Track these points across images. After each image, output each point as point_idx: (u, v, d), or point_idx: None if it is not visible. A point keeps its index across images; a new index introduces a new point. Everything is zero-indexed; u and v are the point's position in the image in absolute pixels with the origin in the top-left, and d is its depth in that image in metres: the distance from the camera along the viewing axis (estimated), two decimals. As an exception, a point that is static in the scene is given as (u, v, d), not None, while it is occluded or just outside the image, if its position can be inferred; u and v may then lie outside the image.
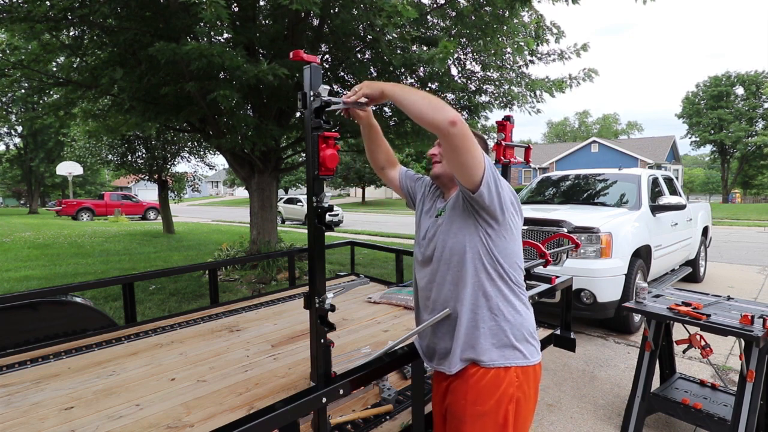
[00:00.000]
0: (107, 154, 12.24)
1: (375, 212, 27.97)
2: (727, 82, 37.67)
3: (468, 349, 1.35)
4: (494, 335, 1.34)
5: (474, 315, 1.36)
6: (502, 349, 1.34)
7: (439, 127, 1.21)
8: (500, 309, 1.35)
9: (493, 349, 1.34)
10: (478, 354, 1.34)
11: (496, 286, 1.36)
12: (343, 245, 4.17)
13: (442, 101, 1.23)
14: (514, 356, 1.34)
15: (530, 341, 1.38)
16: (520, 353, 1.35)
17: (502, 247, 1.36)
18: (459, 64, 5.97)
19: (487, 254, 1.35)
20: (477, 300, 1.36)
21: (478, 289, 1.35)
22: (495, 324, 1.35)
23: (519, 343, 1.35)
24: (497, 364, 1.33)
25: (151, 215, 22.82)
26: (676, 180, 6.37)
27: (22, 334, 2.27)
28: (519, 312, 1.38)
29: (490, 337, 1.34)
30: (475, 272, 1.35)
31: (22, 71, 4.96)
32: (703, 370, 3.56)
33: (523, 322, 1.38)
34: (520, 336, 1.36)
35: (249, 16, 5.07)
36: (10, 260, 8.10)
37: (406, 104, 1.28)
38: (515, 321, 1.36)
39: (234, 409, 1.66)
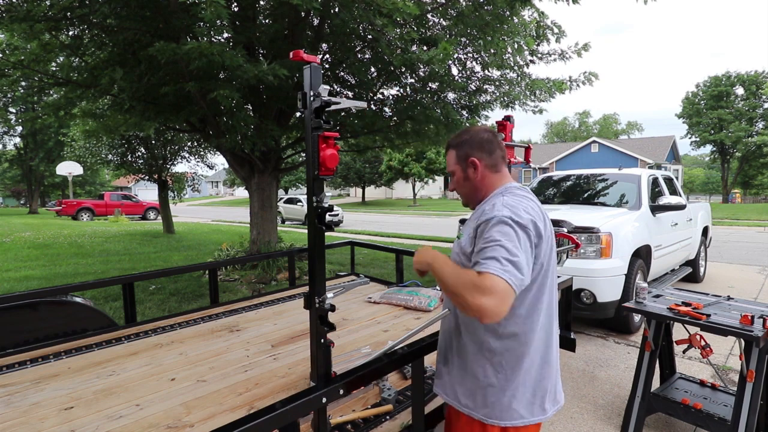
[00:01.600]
0: (107, 154, 12.25)
1: (375, 212, 27.97)
2: (727, 82, 37.66)
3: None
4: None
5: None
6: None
7: (465, 310, 1.15)
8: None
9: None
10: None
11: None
12: (343, 245, 4.17)
13: (476, 285, 1.11)
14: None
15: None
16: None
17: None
18: (459, 63, 5.97)
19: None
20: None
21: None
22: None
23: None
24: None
25: (151, 215, 22.82)
26: (676, 180, 6.37)
27: (22, 334, 2.26)
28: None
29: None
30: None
31: (22, 71, 4.96)
32: (703, 370, 3.56)
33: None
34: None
35: (249, 16, 5.07)
36: (10, 260, 8.09)
37: (441, 284, 1.25)
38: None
39: (234, 409, 1.66)
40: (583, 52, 5.74)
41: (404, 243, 11.39)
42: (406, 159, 32.80)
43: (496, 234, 1.19)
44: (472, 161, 1.39)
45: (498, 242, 1.16)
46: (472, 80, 6.03)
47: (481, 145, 1.40)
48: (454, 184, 1.48)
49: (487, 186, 1.40)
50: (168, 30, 4.45)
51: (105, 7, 4.35)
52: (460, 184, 1.45)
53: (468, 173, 1.41)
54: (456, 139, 1.45)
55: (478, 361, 1.33)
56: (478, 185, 1.41)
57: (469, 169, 1.40)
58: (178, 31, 4.38)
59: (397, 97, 6.38)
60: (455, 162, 1.43)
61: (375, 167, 36.05)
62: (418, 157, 32.98)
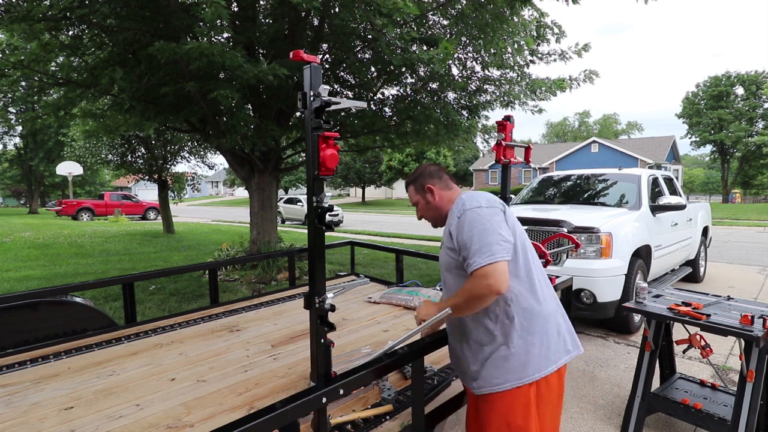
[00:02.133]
0: (107, 154, 12.24)
1: (375, 212, 27.96)
2: (727, 82, 37.67)
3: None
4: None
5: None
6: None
7: (482, 301, 1.44)
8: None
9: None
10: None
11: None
12: (343, 245, 4.17)
13: (466, 290, 1.45)
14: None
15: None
16: None
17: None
18: (460, 63, 5.97)
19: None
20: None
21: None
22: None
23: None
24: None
25: (151, 215, 22.82)
26: (676, 180, 6.37)
27: (22, 334, 2.26)
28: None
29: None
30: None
31: (22, 71, 4.96)
32: (703, 370, 3.56)
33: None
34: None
35: (249, 16, 5.07)
36: (10, 260, 8.09)
37: (460, 312, 1.52)
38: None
39: (234, 409, 1.66)
40: (584, 53, 5.74)
41: (404, 243, 11.39)
42: (406, 159, 32.82)
43: (467, 226, 1.47)
44: (428, 188, 1.69)
45: (472, 234, 1.44)
46: (472, 80, 6.02)
47: (431, 174, 1.72)
48: (421, 211, 1.75)
49: (446, 202, 1.67)
50: (168, 30, 4.45)
51: (105, 7, 4.35)
52: (426, 208, 1.72)
53: (428, 198, 1.70)
54: (411, 177, 1.77)
55: (487, 339, 1.53)
56: (438, 204, 1.68)
57: (428, 194, 1.69)
58: (178, 31, 4.38)
59: (397, 97, 6.37)
60: (416, 194, 1.73)
61: (375, 167, 36.06)
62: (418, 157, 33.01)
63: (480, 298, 1.41)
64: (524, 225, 4.37)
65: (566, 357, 1.55)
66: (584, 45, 5.70)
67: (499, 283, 1.37)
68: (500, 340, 1.50)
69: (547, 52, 6.04)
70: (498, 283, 1.37)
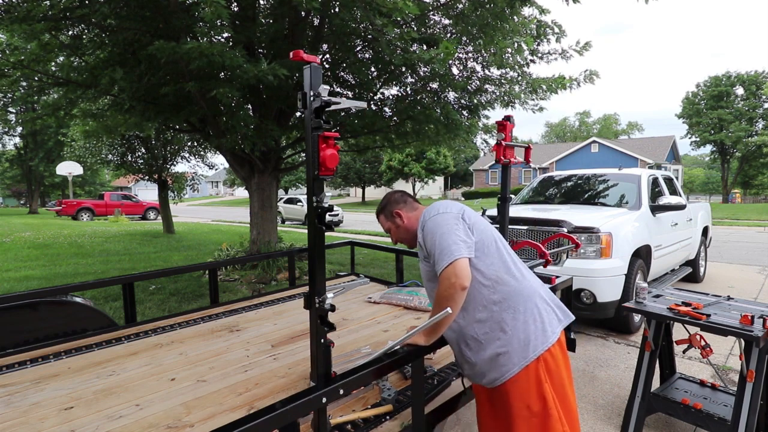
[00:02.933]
0: (107, 154, 12.24)
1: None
2: (727, 82, 37.66)
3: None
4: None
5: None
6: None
7: (452, 301, 1.52)
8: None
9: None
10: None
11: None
12: (343, 245, 4.17)
13: (438, 296, 1.55)
14: None
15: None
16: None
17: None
18: (460, 63, 5.97)
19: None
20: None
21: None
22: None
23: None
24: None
25: (151, 215, 22.82)
26: (676, 180, 6.37)
27: (22, 334, 2.26)
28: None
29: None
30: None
31: (21, 71, 4.96)
32: (703, 370, 3.56)
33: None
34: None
35: (249, 16, 5.07)
36: (10, 260, 8.09)
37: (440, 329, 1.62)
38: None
39: (234, 409, 1.66)
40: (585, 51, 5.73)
41: (404, 243, 11.36)
42: (406, 159, 32.81)
43: (429, 234, 1.60)
44: (396, 213, 1.83)
45: (434, 240, 1.56)
46: (473, 80, 6.02)
47: (396, 201, 1.86)
48: (395, 236, 1.87)
49: (413, 222, 1.81)
50: (168, 30, 4.44)
51: (105, 7, 4.35)
52: (398, 232, 1.85)
53: (398, 222, 1.84)
54: (379, 207, 1.91)
55: (482, 332, 1.59)
56: (407, 225, 1.82)
57: (397, 219, 1.84)
58: (178, 30, 4.37)
59: (397, 97, 6.37)
60: (387, 221, 1.88)
61: (375, 167, 36.05)
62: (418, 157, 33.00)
63: (450, 298, 1.49)
64: (524, 225, 4.38)
65: (560, 326, 1.62)
66: (585, 43, 5.69)
67: (461, 278, 1.47)
68: (495, 327, 1.56)
69: (547, 51, 6.04)
70: (460, 278, 1.47)
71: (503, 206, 2.75)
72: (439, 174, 36.37)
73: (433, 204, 1.71)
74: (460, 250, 1.50)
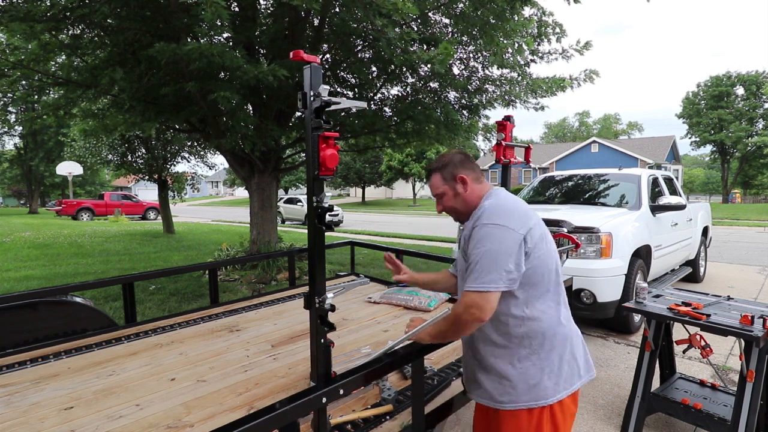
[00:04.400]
0: (107, 154, 12.23)
1: (375, 212, 27.96)
2: (728, 82, 37.65)
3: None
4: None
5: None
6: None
7: (464, 328, 1.42)
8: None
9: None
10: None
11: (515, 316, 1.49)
12: (343, 245, 4.17)
13: (452, 314, 1.43)
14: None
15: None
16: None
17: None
18: (461, 62, 5.97)
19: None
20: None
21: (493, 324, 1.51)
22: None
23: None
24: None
25: (151, 215, 22.81)
26: (676, 180, 6.37)
27: (22, 334, 2.26)
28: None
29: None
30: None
31: (21, 71, 4.96)
32: (703, 370, 3.56)
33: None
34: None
35: (249, 16, 5.07)
36: (10, 260, 8.09)
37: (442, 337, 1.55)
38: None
39: (234, 409, 1.66)
40: (585, 51, 5.74)
41: (404, 243, 11.39)
42: (406, 159, 32.82)
43: (479, 242, 1.37)
44: (461, 178, 1.52)
45: (479, 252, 1.35)
46: (473, 79, 6.02)
47: (463, 163, 1.55)
48: (447, 202, 1.57)
49: (475, 198, 1.52)
50: (168, 30, 4.45)
51: (105, 7, 4.35)
52: (453, 200, 1.55)
53: (458, 189, 1.53)
54: (438, 163, 1.58)
55: (495, 354, 1.46)
56: (468, 198, 1.53)
57: (458, 185, 1.53)
58: (178, 31, 4.38)
59: (398, 96, 6.37)
60: (443, 183, 1.55)
61: (375, 167, 36.06)
62: (418, 157, 33.00)
63: (464, 325, 1.38)
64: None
65: (578, 382, 1.46)
66: (585, 43, 5.70)
67: (483, 312, 1.32)
68: (507, 358, 1.43)
69: (548, 51, 6.04)
70: (482, 312, 1.32)
71: (503, 206, 2.75)
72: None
73: (498, 205, 1.43)
74: (498, 282, 1.31)
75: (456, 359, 2.22)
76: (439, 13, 5.27)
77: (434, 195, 1.58)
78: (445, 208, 1.58)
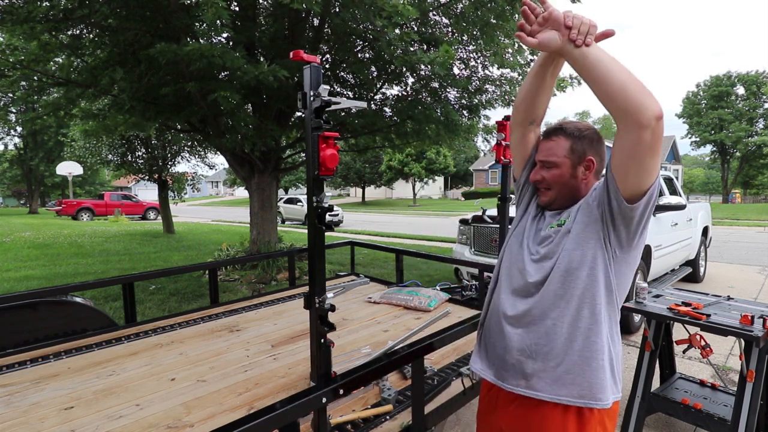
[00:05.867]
0: (107, 154, 12.24)
1: (375, 212, 27.96)
2: (728, 82, 37.63)
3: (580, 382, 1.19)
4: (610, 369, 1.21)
5: (589, 344, 1.19)
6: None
7: (641, 115, 0.97)
8: (613, 339, 1.22)
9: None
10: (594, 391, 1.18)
11: (611, 314, 1.22)
12: (343, 245, 4.17)
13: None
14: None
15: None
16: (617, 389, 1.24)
17: (622, 275, 1.21)
18: (461, 62, 5.97)
19: (609, 279, 1.20)
20: (592, 326, 1.19)
21: (596, 315, 1.19)
22: (609, 357, 1.21)
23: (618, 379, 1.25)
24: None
25: (151, 215, 22.82)
26: (676, 180, 6.36)
27: (22, 334, 2.26)
28: (619, 344, 1.27)
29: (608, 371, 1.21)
30: (593, 296, 1.19)
31: (21, 71, 4.96)
32: (703, 370, 3.56)
33: (620, 355, 1.27)
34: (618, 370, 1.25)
35: (249, 16, 5.07)
36: (10, 260, 8.09)
37: (601, 73, 1.03)
38: (620, 353, 1.25)
39: (234, 409, 1.66)
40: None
41: (404, 243, 11.39)
42: (406, 159, 32.80)
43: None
44: (590, 160, 1.26)
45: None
46: (473, 79, 6.02)
47: (599, 145, 1.28)
48: (551, 178, 1.27)
49: (587, 188, 1.27)
50: (168, 30, 4.45)
51: (105, 7, 4.35)
52: (560, 179, 1.26)
53: (577, 171, 1.26)
54: (576, 129, 1.27)
55: (594, 349, 1.19)
56: (580, 186, 1.27)
57: (580, 167, 1.26)
58: (178, 31, 4.38)
59: (398, 96, 6.37)
60: (566, 154, 1.25)
61: (375, 167, 36.06)
62: (418, 157, 32.99)
63: (641, 100, 0.97)
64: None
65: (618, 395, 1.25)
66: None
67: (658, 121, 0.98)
68: (598, 341, 1.19)
69: (548, 51, 6.03)
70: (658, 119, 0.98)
71: (503, 206, 2.75)
72: (439, 174, 36.38)
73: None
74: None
75: (456, 359, 2.21)
76: (439, 14, 5.27)
77: (542, 160, 1.28)
78: (546, 181, 1.29)
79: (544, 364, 1.21)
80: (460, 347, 2.29)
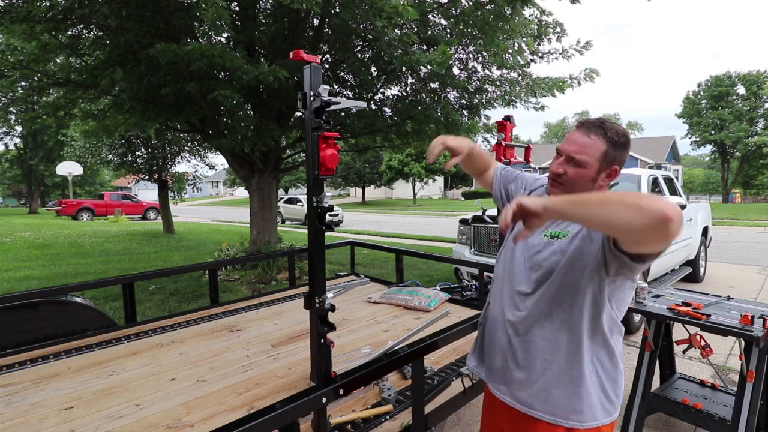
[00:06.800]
0: (107, 154, 12.24)
1: (375, 212, 27.96)
2: (728, 82, 37.63)
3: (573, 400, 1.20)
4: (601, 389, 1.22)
5: (579, 365, 1.20)
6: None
7: (653, 231, 0.90)
8: (602, 365, 1.22)
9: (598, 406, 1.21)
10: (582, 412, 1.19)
11: (596, 342, 1.21)
12: (343, 245, 4.17)
13: (640, 194, 0.94)
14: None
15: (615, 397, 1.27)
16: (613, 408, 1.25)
17: (622, 289, 1.20)
18: (461, 62, 5.97)
19: (598, 309, 1.19)
20: (571, 354, 1.20)
21: (577, 343, 1.19)
22: (600, 378, 1.22)
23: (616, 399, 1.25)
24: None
25: (151, 215, 22.82)
26: (676, 180, 6.36)
27: (22, 334, 2.26)
28: (617, 366, 1.26)
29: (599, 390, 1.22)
30: (577, 327, 1.19)
31: (21, 71, 4.96)
32: (703, 370, 3.56)
33: (618, 377, 1.26)
34: (615, 392, 1.25)
35: (249, 16, 5.07)
36: (10, 260, 8.09)
37: (595, 219, 0.96)
38: (616, 376, 1.25)
39: (234, 409, 1.66)
40: (585, 51, 5.74)
41: (404, 243, 11.39)
42: (406, 159, 32.80)
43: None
44: (615, 169, 1.20)
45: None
46: (473, 79, 6.02)
47: (626, 153, 1.22)
48: (573, 175, 1.19)
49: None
50: (168, 30, 4.45)
51: (105, 7, 4.35)
52: (581, 179, 1.19)
53: (599, 176, 1.20)
54: (616, 134, 1.18)
55: (589, 366, 1.21)
56: (593, 191, 1.22)
57: (604, 173, 1.20)
58: (179, 31, 4.38)
59: (398, 97, 6.37)
60: (599, 157, 1.17)
61: (375, 167, 36.06)
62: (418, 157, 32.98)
63: (668, 210, 0.86)
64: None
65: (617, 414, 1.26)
66: (586, 42, 5.71)
67: (679, 225, 0.88)
68: (596, 359, 1.22)
69: (548, 50, 6.04)
70: (677, 212, 0.87)
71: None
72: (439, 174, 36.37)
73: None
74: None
75: (456, 359, 2.21)
76: (439, 15, 5.27)
77: (571, 153, 1.19)
78: (566, 176, 1.20)
79: (527, 376, 1.25)
80: (460, 347, 2.29)
